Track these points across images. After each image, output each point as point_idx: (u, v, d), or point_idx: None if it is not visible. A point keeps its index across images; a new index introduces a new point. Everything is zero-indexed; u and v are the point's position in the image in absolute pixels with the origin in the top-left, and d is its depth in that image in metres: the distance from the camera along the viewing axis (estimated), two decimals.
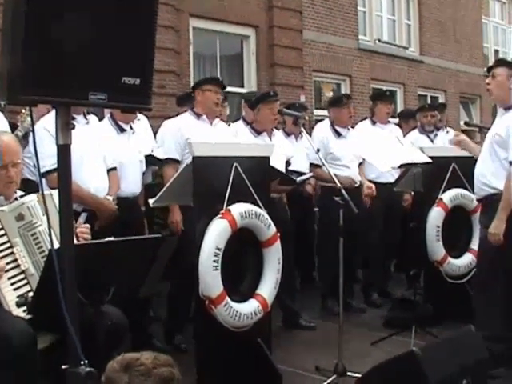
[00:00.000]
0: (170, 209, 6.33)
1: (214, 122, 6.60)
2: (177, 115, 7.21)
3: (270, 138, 6.99)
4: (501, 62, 5.94)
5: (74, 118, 5.33)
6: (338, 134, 7.95)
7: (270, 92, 7.34)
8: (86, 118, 5.68)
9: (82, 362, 2.56)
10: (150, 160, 6.63)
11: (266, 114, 6.87)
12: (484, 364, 4.88)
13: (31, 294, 3.94)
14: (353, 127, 8.30)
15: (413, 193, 8.29)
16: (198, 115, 6.51)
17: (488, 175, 5.74)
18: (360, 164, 8.08)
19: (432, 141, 9.30)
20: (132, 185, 6.27)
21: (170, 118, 7.19)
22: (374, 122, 8.69)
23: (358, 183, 7.86)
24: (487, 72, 5.97)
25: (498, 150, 5.66)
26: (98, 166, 5.73)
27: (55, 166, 2.81)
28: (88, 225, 4.60)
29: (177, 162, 6.34)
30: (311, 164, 7.92)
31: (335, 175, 7.23)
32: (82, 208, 5.48)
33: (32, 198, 4.29)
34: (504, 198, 5.59)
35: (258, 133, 6.93)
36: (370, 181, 8.06)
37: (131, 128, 6.35)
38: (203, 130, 6.38)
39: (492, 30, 22.39)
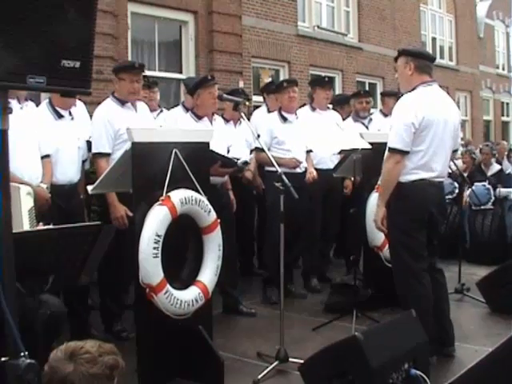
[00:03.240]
0: (109, 203, 6.16)
1: (138, 108, 6.54)
2: None
3: (211, 123, 6.94)
4: (399, 53, 5.90)
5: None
6: (284, 120, 7.99)
7: (207, 76, 7.28)
8: (19, 103, 5.52)
9: (22, 354, 2.50)
10: (88, 146, 6.53)
11: (205, 98, 6.82)
12: (425, 348, 4.94)
13: None
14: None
15: (353, 178, 8.34)
16: (122, 102, 6.41)
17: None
18: (309, 151, 8.14)
19: (367, 127, 9.37)
20: (69, 172, 6.17)
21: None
22: (313, 108, 8.71)
23: (304, 169, 7.88)
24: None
25: None
26: (32, 154, 5.61)
27: None
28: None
29: (108, 155, 6.27)
30: (256, 148, 7.91)
31: (279, 158, 7.27)
32: None
33: None
34: (381, 185, 5.72)
35: (199, 118, 6.87)
36: None
37: (70, 114, 6.24)
38: (129, 118, 6.24)
39: (430, 17, 22.65)
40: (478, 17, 25.61)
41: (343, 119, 9.37)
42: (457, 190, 10.80)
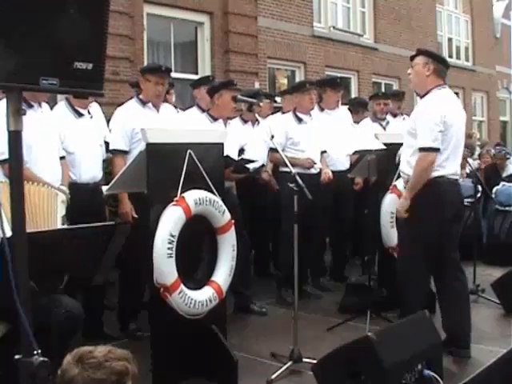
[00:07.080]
0: (119, 199, 6.28)
1: (161, 109, 6.57)
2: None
3: (225, 125, 6.96)
4: (419, 52, 6.01)
5: (31, 106, 5.24)
6: (300, 120, 7.97)
7: (233, 80, 7.30)
8: (40, 106, 5.54)
9: (35, 352, 2.52)
10: (106, 146, 6.58)
11: (227, 100, 6.84)
12: (438, 348, 4.94)
13: None
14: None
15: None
16: (144, 102, 6.47)
17: (403, 163, 5.94)
18: (323, 152, 8.15)
19: (384, 128, 9.33)
20: (93, 170, 6.22)
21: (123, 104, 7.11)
22: (322, 109, 8.66)
23: (318, 170, 7.88)
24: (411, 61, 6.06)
25: (408, 138, 5.85)
26: (53, 156, 5.63)
27: None
28: None
29: (124, 152, 6.32)
30: (270, 149, 7.92)
31: (294, 158, 7.26)
32: None
33: None
34: (412, 181, 5.77)
35: (215, 119, 6.90)
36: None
37: (89, 113, 6.29)
38: (149, 118, 6.30)
39: (446, 18, 22.58)
40: (494, 17, 25.46)
41: (357, 122, 9.37)
42: (479, 194, 10.75)
